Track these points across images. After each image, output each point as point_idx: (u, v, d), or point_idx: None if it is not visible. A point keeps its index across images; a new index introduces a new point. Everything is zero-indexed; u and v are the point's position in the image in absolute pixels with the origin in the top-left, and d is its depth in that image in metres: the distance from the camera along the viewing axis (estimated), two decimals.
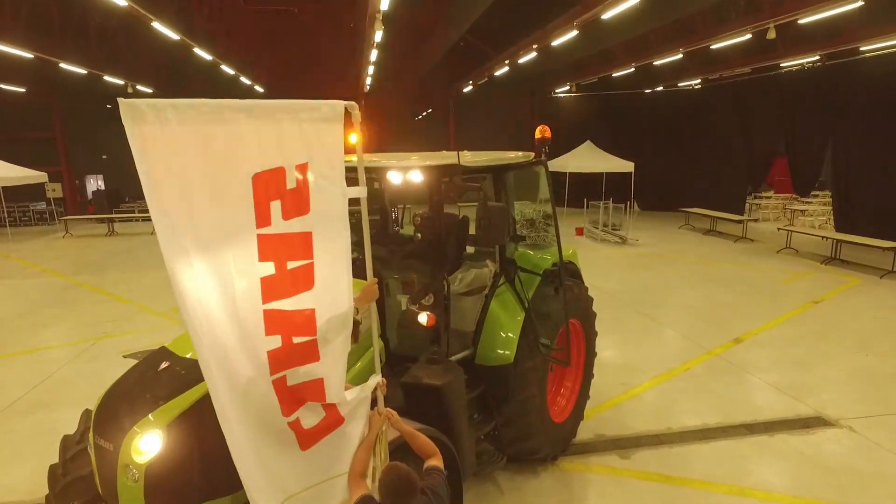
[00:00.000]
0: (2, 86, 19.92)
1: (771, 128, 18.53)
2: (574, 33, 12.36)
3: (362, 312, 3.39)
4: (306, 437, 2.54)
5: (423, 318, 3.85)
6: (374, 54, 14.86)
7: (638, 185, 18.34)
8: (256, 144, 2.28)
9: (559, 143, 19.43)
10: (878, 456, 5.24)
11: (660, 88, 21.88)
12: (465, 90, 24.71)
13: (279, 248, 2.38)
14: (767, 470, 5.07)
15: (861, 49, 13.60)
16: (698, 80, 20.46)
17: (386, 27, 11.18)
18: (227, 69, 18.48)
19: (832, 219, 16.89)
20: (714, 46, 14.31)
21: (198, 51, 14.95)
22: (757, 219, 19.86)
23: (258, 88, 23.46)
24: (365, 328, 3.36)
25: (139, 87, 19.77)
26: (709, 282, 11.84)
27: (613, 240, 16.64)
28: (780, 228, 15.78)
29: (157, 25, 11.72)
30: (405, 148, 5.65)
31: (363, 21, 12.07)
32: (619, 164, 18.02)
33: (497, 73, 19.57)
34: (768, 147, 19.34)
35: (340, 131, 2.45)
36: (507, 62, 17.33)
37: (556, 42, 13.52)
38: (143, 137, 2.06)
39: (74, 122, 22.89)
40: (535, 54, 15.26)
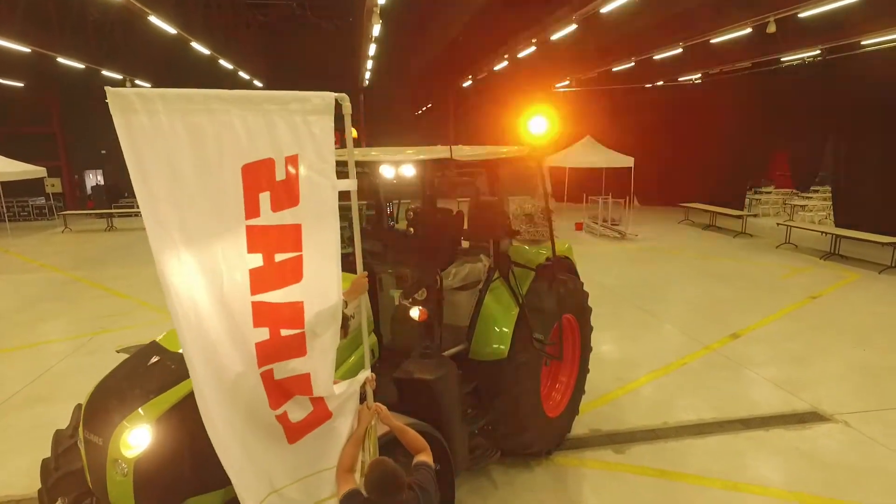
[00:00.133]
0: (0, 80, 19.91)
1: (771, 123, 18.44)
2: (573, 27, 12.30)
3: (353, 307, 3.38)
4: (294, 431, 2.54)
5: (416, 312, 3.84)
6: (372, 48, 14.81)
7: (637, 180, 18.30)
8: (246, 135, 2.26)
9: (559, 137, 19.54)
10: (872, 451, 5.24)
11: (660, 83, 21.79)
12: (465, 85, 24.65)
13: (268, 240, 2.37)
14: (763, 465, 5.07)
15: (862, 43, 13.52)
16: (698, 75, 20.38)
17: (383, 21, 11.15)
18: (226, 63, 18.42)
19: (832, 214, 16.84)
20: (714, 40, 14.22)
21: (195, 45, 14.89)
22: (757, 214, 19.80)
23: (257, 83, 23.39)
24: (356, 323, 3.35)
25: (138, 81, 19.76)
26: (707, 277, 11.82)
27: (612, 235, 16.60)
28: (779, 224, 15.73)
29: (154, 19, 11.68)
30: (406, 143, 5.62)
31: (361, 15, 12.02)
32: (618, 159, 17.98)
33: (496, 68, 19.51)
34: (768, 142, 19.26)
35: (331, 123, 2.43)
36: (506, 56, 17.26)
37: (555, 36, 13.46)
38: (132, 128, 2.06)
39: (73, 118, 22.86)
40: (534, 48, 15.20)
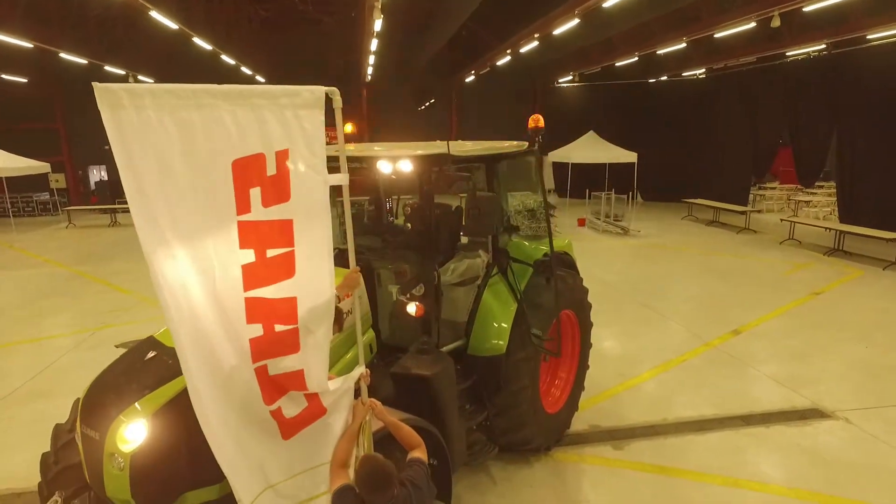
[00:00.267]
0: (3, 76, 19.95)
1: (775, 118, 18.29)
2: (576, 22, 12.22)
3: (349, 302, 3.37)
4: (288, 427, 2.54)
5: (412, 308, 3.84)
6: (374, 44, 14.76)
7: (641, 176, 18.24)
8: (236, 130, 2.25)
9: (562, 133, 19.53)
10: (873, 448, 5.22)
11: (664, 78, 21.67)
12: (468, 80, 24.55)
13: (259, 236, 2.36)
14: (763, 461, 5.05)
15: (868, 37, 13.41)
16: (702, 70, 20.26)
17: (385, 16, 11.11)
18: (228, 59, 18.40)
19: (837, 210, 16.73)
20: (718, 35, 14.13)
21: (197, 40, 14.88)
22: (761, 210, 19.70)
23: (259, 78, 23.35)
24: (352, 319, 3.34)
25: (140, 77, 19.75)
26: (710, 273, 11.77)
27: (615, 231, 16.55)
28: (783, 220, 15.65)
29: (156, 14, 11.66)
30: (409, 138, 5.60)
31: (363, 10, 11.98)
32: (622, 155, 17.93)
33: (499, 63, 19.43)
34: (773, 137, 19.10)
35: (321, 117, 2.41)
36: (508, 52, 17.18)
37: (558, 31, 13.38)
38: (120, 123, 2.04)
39: (77, 113, 22.84)
40: (536, 43, 15.12)
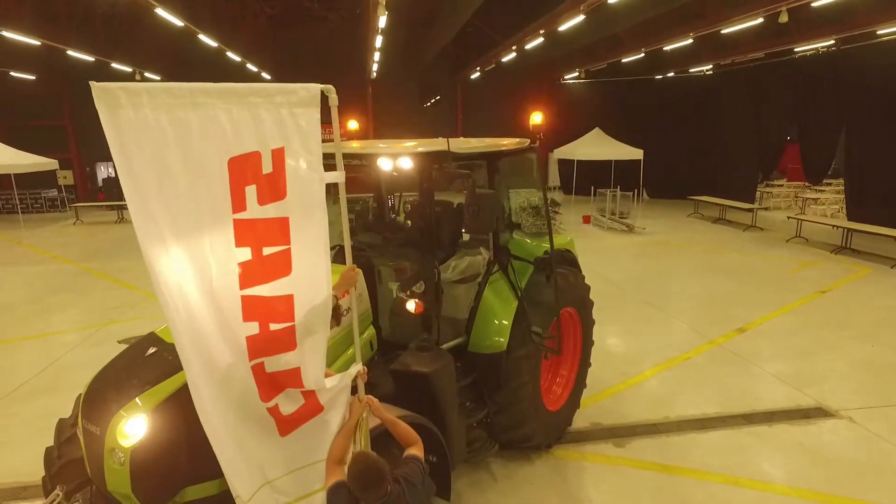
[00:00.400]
0: (12, 73, 20.09)
1: (783, 114, 18.15)
2: (581, 18, 12.14)
3: (348, 300, 3.38)
4: (285, 424, 2.55)
5: (412, 305, 3.84)
6: (378, 40, 14.74)
7: (647, 173, 18.14)
8: (231, 129, 2.26)
9: (568, 130, 19.45)
10: (877, 447, 5.18)
11: (670, 74, 21.52)
12: (473, 77, 24.49)
13: (255, 234, 2.37)
14: (765, 460, 5.03)
15: (877, 33, 13.26)
16: (710, 66, 20.11)
17: (390, 12, 11.09)
18: (233, 56, 18.43)
19: (844, 207, 16.59)
20: (725, 31, 13.99)
21: (203, 37, 14.91)
22: (768, 207, 19.54)
23: (265, 75, 23.38)
24: (350, 317, 3.35)
25: (147, 74, 19.84)
26: (715, 271, 11.71)
27: (620, 228, 16.48)
28: (790, 217, 15.53)
29: (161, 12, 11.70)
30: (414, 134, 5.60)
31: (367, 7, 11.97)
32: (628, 152, 17.84)
33: (504, 60, 19.35)
34: (780, 134, 18.94)
35: (317, 115, 2.41)
36: (514, 48, 17.11)
37: (563, 27, 13.30)
38: (118, 122, 2.06)
39: (84, 110, 22.92)
40: (542, 40, 15.05)
